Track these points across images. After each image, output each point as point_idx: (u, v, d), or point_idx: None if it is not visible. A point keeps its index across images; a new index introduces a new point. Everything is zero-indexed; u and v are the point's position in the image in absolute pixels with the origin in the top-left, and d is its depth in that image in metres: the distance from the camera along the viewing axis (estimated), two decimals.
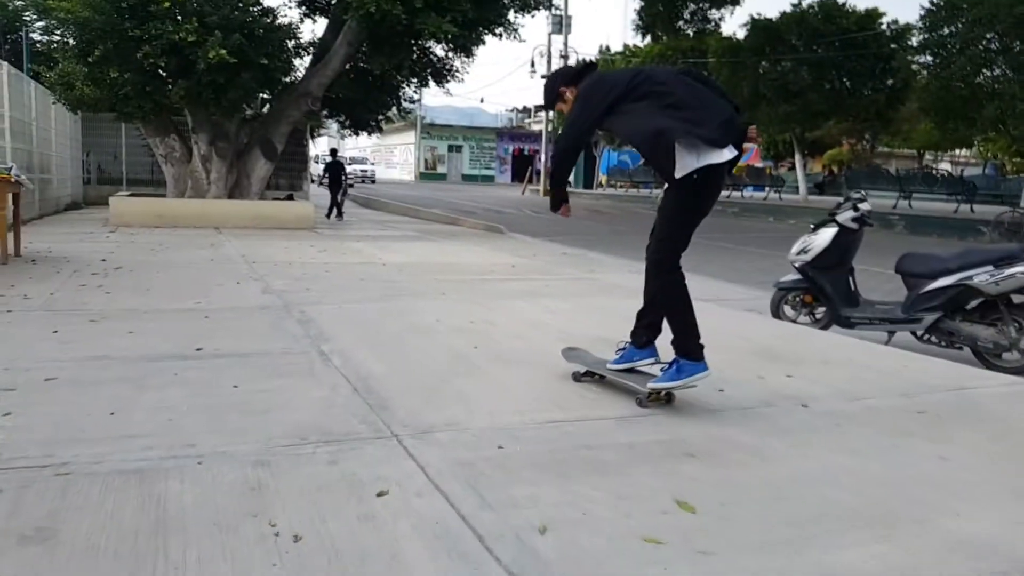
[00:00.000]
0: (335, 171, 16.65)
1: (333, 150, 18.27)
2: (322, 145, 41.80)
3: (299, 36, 13.61)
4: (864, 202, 5.87)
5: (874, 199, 6.15)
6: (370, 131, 18.62)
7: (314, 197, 18.65)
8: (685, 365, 3.48)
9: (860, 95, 26.58)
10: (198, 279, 6.97)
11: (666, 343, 3.62)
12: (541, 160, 41.99)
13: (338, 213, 16.21)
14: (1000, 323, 5.29)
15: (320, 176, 18.57)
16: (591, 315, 5.90)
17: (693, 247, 3.59)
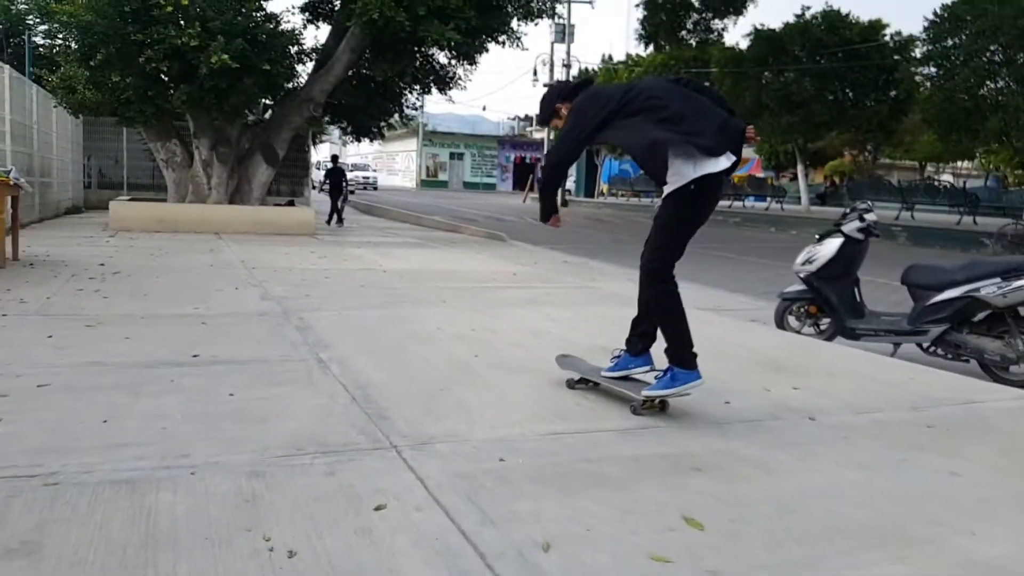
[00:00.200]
0: (336, 177, 16.65)
1: (334, 156, 18.25)
2: (324, 152, 41.77)
3: (302, 42, 13.59)
4: (870, 212, 5.81)
5: (876, 210, 6.11)
6: (372, 138, 18.59)
7: (315, 203, 18.59)
8: (679, 373, 3.48)
9: (863, 106, 26.55)
10: (197, 284, 6.91)
11: (660, 351, 3.59)
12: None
13: (338, 219, 16.18)
14: (1007, 336, 5.22)
15: (321, 182, 18.53)
16: (592, 323, 5.84)
17: (693, 256, 3.54)
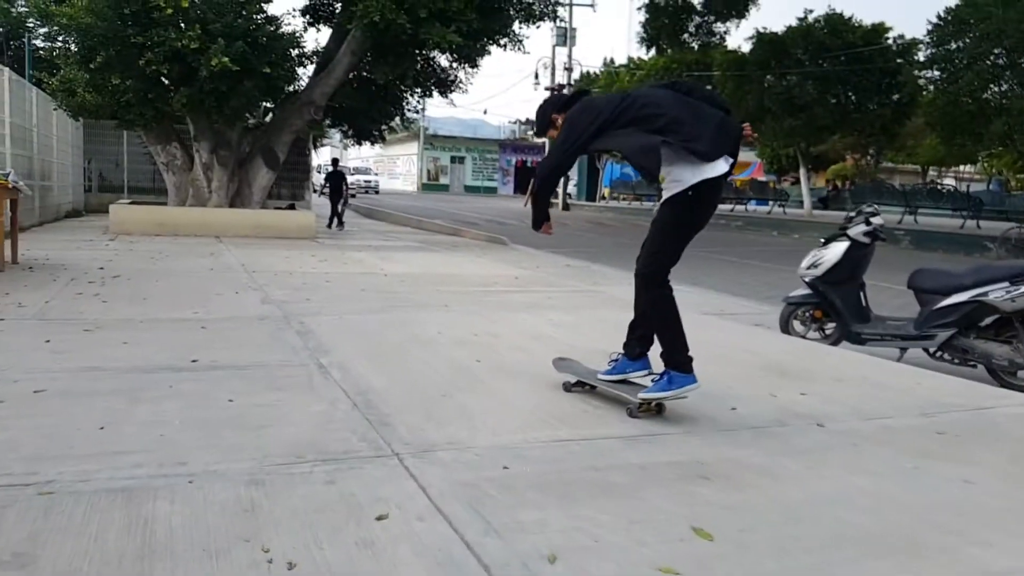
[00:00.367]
0: (336, 181, 16.62)
1: (334, 160, 18.22)
2: (325, 155, 41.76)
3: (303, 45, 13.54)
4: (876, 216, 5.75)
5: (879, 214, 6.04)
6: (373, 141, 18.58)
7: (316, 207, 18.55)
8: (676, 377, 3.49)
9: (866, 110, 26.48)
10: (197, 288, 6.86)
11: (657, 355, 3.58)
12: None
13: (339, 223, 16.14)
14: (1015, 340, 5.17)
15: (321, 186, 18.50)
16: (595, 328, 5.78)
17: (696, 260, 3.51)
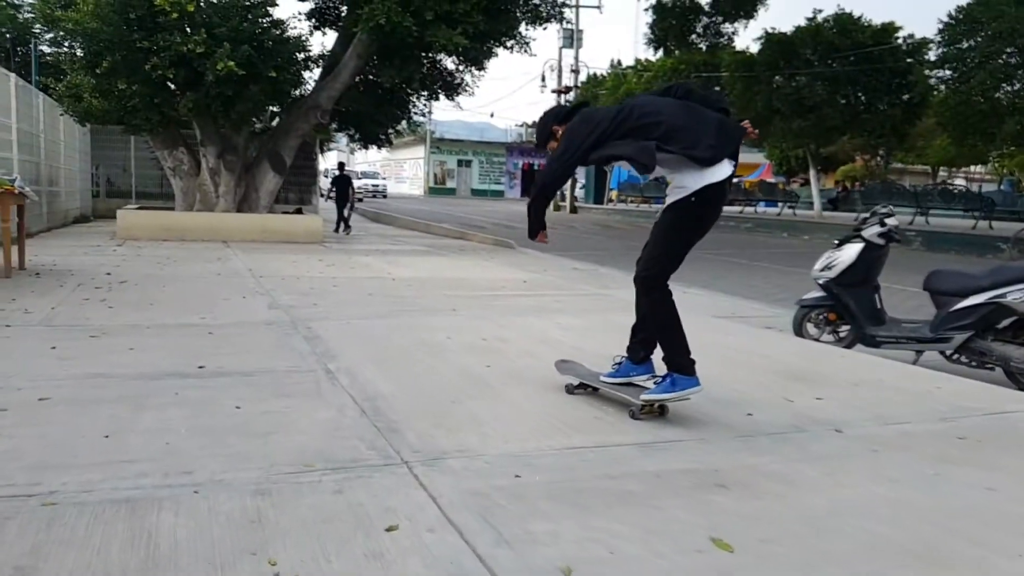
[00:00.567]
0: (342, 185, 16.60)
1: (341, 164, 18.18)
2: (331, 159, 41.80)
3: (309, 49, 13.51)
4: (891, 217, 5.66)
5: None
6: (379, 145, 18.51)
7: (323, 211, 18.52)
8: (679, 379, 3.50)
9: (875, 110, 26.26)
10: (204, 293, 6.82)
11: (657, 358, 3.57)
12: None
13: (346, 227, 16.11)
14: None
15: (328, 190, 18.47)
16: (604, 331, 5.71)
17: (706, 263, 3.47)
